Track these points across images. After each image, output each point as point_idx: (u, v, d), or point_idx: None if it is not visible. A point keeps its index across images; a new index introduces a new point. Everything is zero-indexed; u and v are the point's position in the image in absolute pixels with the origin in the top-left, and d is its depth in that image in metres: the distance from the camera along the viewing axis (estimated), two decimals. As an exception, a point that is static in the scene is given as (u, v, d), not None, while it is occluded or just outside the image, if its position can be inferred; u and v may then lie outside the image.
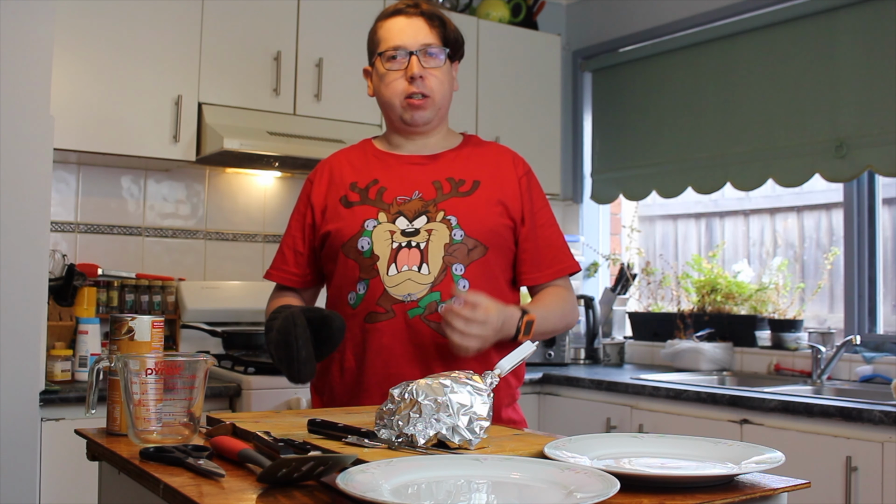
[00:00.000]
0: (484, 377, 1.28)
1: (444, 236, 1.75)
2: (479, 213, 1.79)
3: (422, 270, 1.73)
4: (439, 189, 1.81)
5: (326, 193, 1.87)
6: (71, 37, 2.80)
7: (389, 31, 1.82)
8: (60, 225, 3.11)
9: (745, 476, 1.09)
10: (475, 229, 1.77)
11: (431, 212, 1.78)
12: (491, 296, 1.75)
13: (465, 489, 1.01)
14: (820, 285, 3.45)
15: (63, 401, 2.44)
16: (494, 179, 1.84)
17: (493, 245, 1.79)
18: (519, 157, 1.93)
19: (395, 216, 1.77)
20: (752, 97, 3.51)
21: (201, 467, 1.09)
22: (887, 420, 2.32)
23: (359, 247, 1.76)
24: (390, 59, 1.81)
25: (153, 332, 1.41)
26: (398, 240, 1.75)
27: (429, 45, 1.80)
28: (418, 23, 1.81)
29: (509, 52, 3.81)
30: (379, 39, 1.84)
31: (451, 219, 1.77)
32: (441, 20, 1.83)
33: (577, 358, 3.83)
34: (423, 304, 1.73)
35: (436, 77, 1.81)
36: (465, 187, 1.82)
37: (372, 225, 1.77)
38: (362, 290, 1.76)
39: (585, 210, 4.29)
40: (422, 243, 1.74)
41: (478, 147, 1.92)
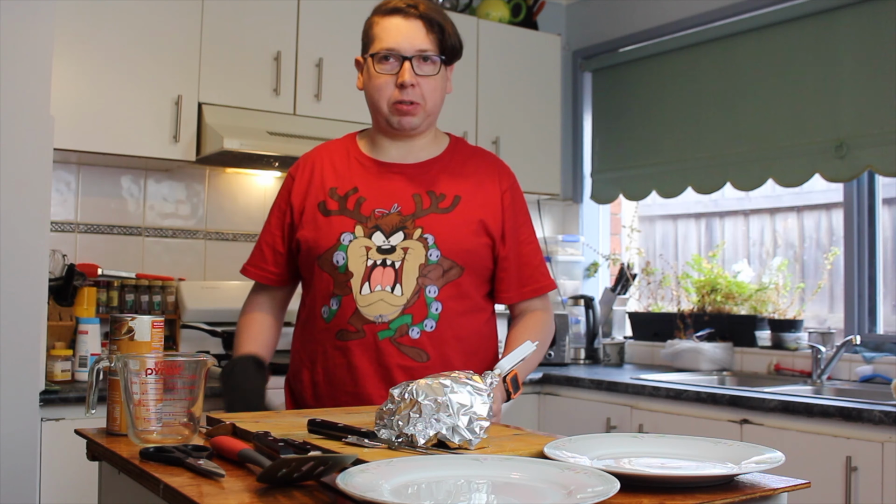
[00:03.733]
0: (484, 377, 1.28)
1: (419, 256, 1.71)
2: (458, 232, 1.75)
3: (395, 291, 1.70)
4: (419, 203, 1.76)
5: (306, 194, 1.82)
6: (71, 37, 2.80)
7: (385, 30, 1.74)
8: (60, 225, 3.11)
9: (745, 476, 1.09)
10: (452, 250, 1.73)
11: (409, 228, 1.73)
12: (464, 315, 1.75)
13: (465, 489, 1.01)
14: (820, 285, 3.45)
15: (63, 401, 2.44)
16: (476, 195, 1.80)
17: (469, 265, 1.75)
18: (505, 167, 1.89)
19: (371, 230, 1.73)
20: (752, 97, 3.51)
21: (201, 467, 1.09)
22: (887, 420, 2.32)
23: (334, 261, 1.73)
24: (382, 61, 1.74)
25: (153, 332, 1.41)
26: (373, 257, 1.71)
27: (424, 50, 1.74)
28: (416, 26, 1.73)
29: (509, 52, 3.81)
30: (373, 37, 1.76)
31: (428, 237, 1.72)
32: (440, 25, 1.75)
33: (577, 358, 3.83)
34: (394, 326, 1.70)
35: (428, 84, 1.76)
36: (445, 203, 1.77)
37: (348, 239, 1.73)
38: (335, 306, 1.73)
39: (585, 210, 4.29)
40: (397, 262, 1.71)
41: (463, 156, 1.86)
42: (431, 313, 1.71)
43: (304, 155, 1.90)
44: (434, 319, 1.71)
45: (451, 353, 1.74)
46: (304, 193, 1.81)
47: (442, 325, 1.72)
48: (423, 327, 1.70)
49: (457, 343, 1.75)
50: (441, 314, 1.71)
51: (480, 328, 1.82)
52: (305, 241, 1.78)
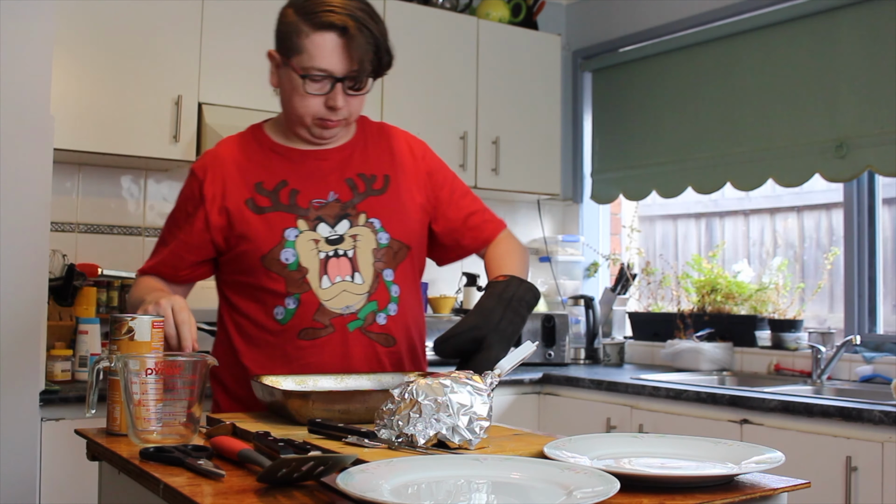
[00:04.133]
0: (484, 377, 1.28)
1: (370, 241, 1.69)
2: (399, 213, 1.73)
3: (355, 280, 1.66)
4: (354, 188, 1.72)
5: (224, 195, 1.69)
6: (71, 37, 2.80)
7: (318, 48, 1.59)
8: (60, 225, 3.11)
9: (745, 476, 1.09)
10: (399, 231, 1.71)
11: (352, 215, 1.69)
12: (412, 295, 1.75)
13: (465, 489, 1.01)
14: (820, 285, 3.45)
15: (63, 401, 2.44)
16: (402, 171, 1.77)
17: (414, 244, 1.75)
18: (413, 137, 1.85)
19: (315, 223, 1.67)
20: (752, 97, 3.51)
21: (201, 467, 1.09)
22: (887, 420, 2.32)
23: (282, 259, 1.65)
24: (311, 80, 1.62)
25: (153, 332, 1.41)
26: (324, 248, 1.66)
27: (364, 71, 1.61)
28: (352, 46, 1.58)
29: (509, 52, 3.81)
30: (302, 48, 1.61)
31: (375, 221, 1.70)
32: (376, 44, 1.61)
33: (577, 358, 3.83)
34: (362, 315, 1.66)
35: (356, 100, 1.67)
36: (378, 184, 1.74)
37: (293, 234, 1.66)
38: (293, 305, 1.65)
39: (585, 210, 4.29)
40: (349, 251, 1.67)
41: (374, 133, 1.81)
42: (393, 297, 1.69)
43: (207, 152, 1.78)
44: (395, 303, 1.70)
45: (409, 333, 1.75)
46: (221, 196, 1.69)
47: (402, 306, 1.71)
48: (388, 312, 1.69)
49: (413, 322, 1.76)
50: (400, 296, 1.71)
51: (421, 306, 1.84)
52: (238, 244, 1.68)
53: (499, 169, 3.72)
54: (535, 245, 4.23)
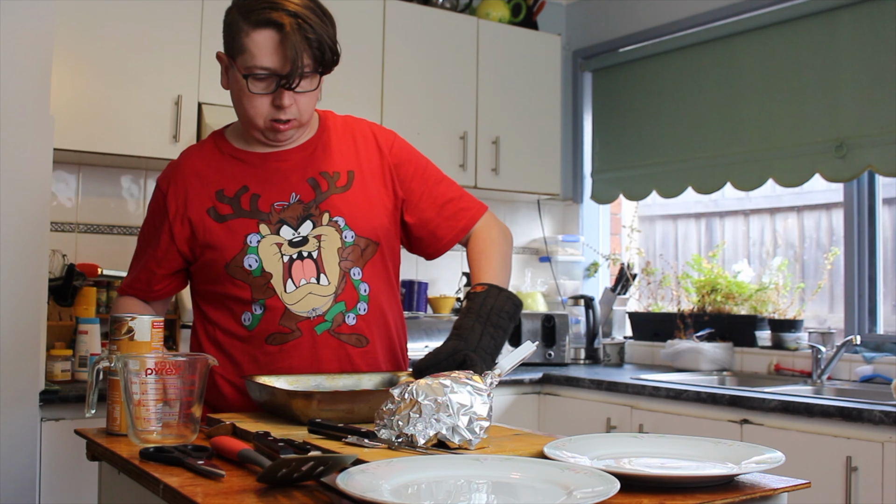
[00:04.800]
0: (484, 377, 1.28)
1: (335, 240, 1.66)
2: (364, 209, 1.69)
3: (321, 282, 1.63)
4: (316, 187, 1.69)
5: (186, 206, 1.68)
6: (71, 37, 2.80)
7: (259, 46, 1.55)
8: (60, 225, 3.11)
9: (745, 476, 1.09)
10: (364, 227, 1.68)
11: (315, 215, 1.66)
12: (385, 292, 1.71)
13: (465, 489, 1.01)
14: (820, 285, 3.45)
15: (63, 401, 2.44)
16: (365, 166, 1.73)
17: (382, 239, 1.71)
18: (380, 128, 1.80)
19: (277, 226, 1.64)
20: (752, 97, 3.51)
21: (201, 467, 1.09)
22: (887, 420, 2.32)
23: (245, 265, 1.63)
24: (256, 80, 1.58)
25: (153, 332, 1.41)
26: (287, 252, 1.63)
27: (305, 68, 1.57)
28: (292, 43, 1.54)
29: (509, 52, 3.81)
30: (244, 48, 1.57)
31: (339, 220, 1.67)
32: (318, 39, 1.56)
33: (577, 358, 3.83)
34: (329, 317, 1.64)
35: (304, 98, 1.63)
36: (342, 181, 1.70)
37: (255, 240, 1.63)
38: (259, 311, 1.63)
39: (585, 210, 4.29)
40: (314, 252, 1.64)
41: (339, 129, 1.77)
42: (362, 296, 1.67)
43: (170, 164, 1.77)
44: (365, 301, 1.67)
45: (385, 332, 1.72)
46: (183, 207, 1.68)
47: (373, 304, 1.68)
48: (358, 311, 1.66)
49: (388, 320, 1.73)
50: (370, 294, 1.68)
51: (398, 303, 1.80)
52: (203, 253, 1.67)
53: (499, 169, 3.72)
54: (535, 245, 4.23)
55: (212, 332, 1.71)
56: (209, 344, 1.71)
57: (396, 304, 1.79)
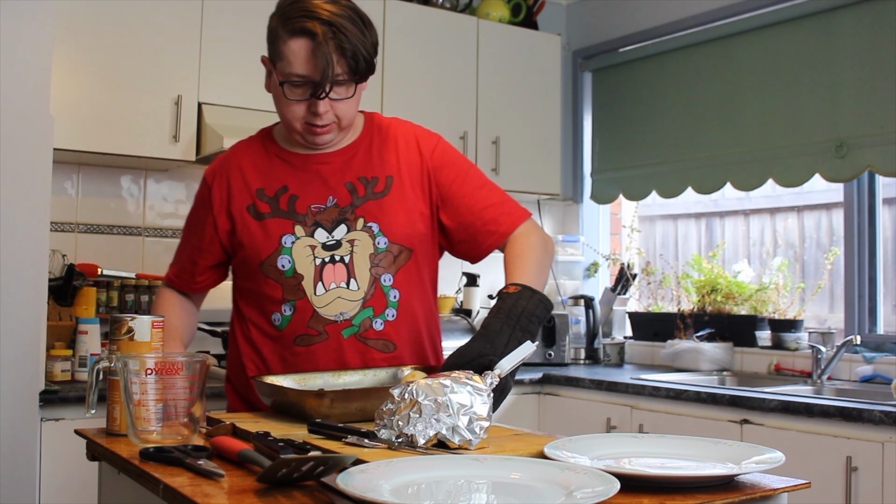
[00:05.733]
0: (484, 377, 1.28)
1: (367, 246, 1.67)
2: (399, 215, 1.70)
3: (350, 286, 1.65)
4: (353, 192, 1.70)
5: (230, 200, 1.72)
6: (71, 37, 2.80)
7: (294, 54, 1.58)
8: (60, 225, 3.11)
9: (745, 476, 1.09)
10: (398, 234, 1.69)
11: (350, 219, 1.68)
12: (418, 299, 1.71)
13: (465, 489, 1.01)
14: (820, 285, 3.45)
15: (63, 401, 2.44)
16: (405, 171, 1.74)
17: (417, 246, 1.71)
18: (424, 132, 1.81)
19: (312, 228, 1.67)
20: (752, 97, 3.51)
21: (201, 467, 1.09)
22: (887, 420, 2.32)
23: (279, 266, 1.65)
24: (293, 86, 1.62)
25: (153, 332, 1.41)
26: (320, 255, 1.65)
27: (338, 76, 1.59)
28: (327, 51, 1.56)
29: (509, 52, 3.81)
30: (282, 55, 1.61)
31: (373, 226, 1.68)
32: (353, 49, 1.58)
33: (577, 358, 3.83)
34: (357, 322, 1.65)
35: (342, 104, 1.65)
36: (380, 187, 1.71)
37: (290, 241, 1.66)
38: (289, 312, 1.66)
39: (585, 210, 4.29)
40: (346, 256, 1.66)
41: (382, 132, 1.78)
42: (391, 302, 1.67)
43: (218, 157, 1.80)
44: (395, 308, 1.68)
45: (415, 338, 1.72)
46: (226, 200, 1.72)
47: (402, 311, 1.69)
48: (386, 317, 1.67)
49: (419, 327, 1.73)
50: (400, 301, 1.68)
51: (432, 308, 1.80)
52: (242, 250, 1.70)
53: (499, 169, 3.72)
54: (535, 245, 4.22)
55: (247, 329, 1.73)
56: (244, 341, 1.74)
57: (430, 311, 1.78)
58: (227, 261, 1.79)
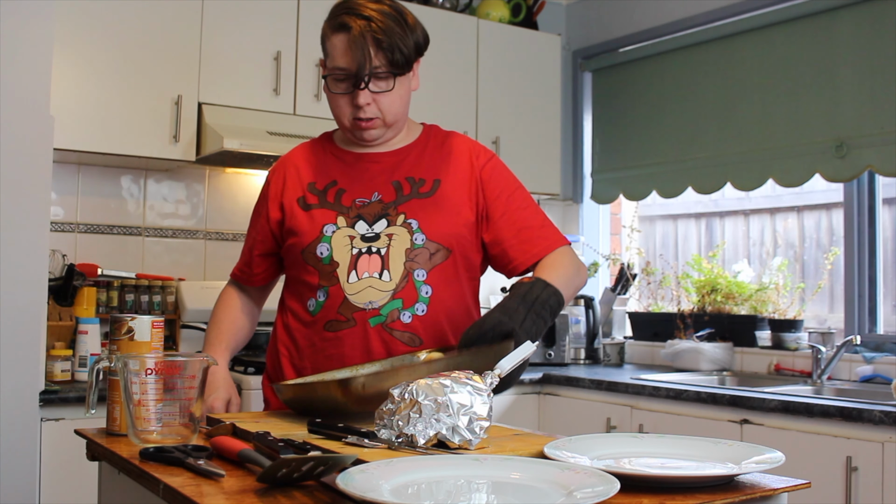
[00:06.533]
0: (484, 377, 1.28)
1: (405, 241, 1.70)
2: (441, 215, 1.73)
3: (382, 277, 1.68)
4: (399, 190, 1.75)
5: (283, 193, 1.81)
6: (71, 37, 2.80)
7: (335, 48, 1.69)
8: (60, 225, 3.11)
9: (745, 476, 1.09)
10: (437, 233, 1.72)
11: (392, 215, 1.72)
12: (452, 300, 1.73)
13: (465, 489, 1.01)
14: (820, 285, 3.45)
15: (63, 401, 2.44)
16: (455, 176, 1.78)
17: (455, 247, 1.74)
18: (479, 146, 1.86)
19: (354, 220, 1.72)
20: (752, 97, 3.51)
21: (201, 467, 1.09)
22: (887, 420, 2.32)
23: (318, 253, 1.71)
24: (336, 81, 1.70)
25: (153, 332, 1.41)
26: (358, 245, 1.70)
27: (376, 68, 1.66)
28: (364, 44, 1.64)
29: (509, 52, 3.81)
30: (327, 51, 1.72)
31: (412, 222, 1.71)
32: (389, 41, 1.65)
33: (577, 358, 3.83)
34: (385, 312, 1.68)
35: (385, 98, 1.71)
36: (426, 188, 1.76)
37: (331, 230, 1.72)
38: (322, 298, 1.71)
39: (585, 210, 4.29)
40: (382, 249, 1.69)
41: (438, 140, 1.84)
42: (422, 297, 1.69)
43: (281, 157, 1.90)
44: (425, 303, 1.69)
45: (443, 335, 1.73)
46: (280, 193, 1.81)
47: (433, 308, 1.70)
48: (415, 311, 1.69)
49: (448, 325, 1.74)
50: (431, 297, 1.70)
51: (469, 309, 1.81)
52: (288, 238, 1.78)
53: (499, 169, 3.72)
54: (535, 245, 4.22)
55: (286, 317, 1.80)
56: (282, 327, 1.81)
57: (467, 313, 1.79)
58: (278, 252, 1.85)
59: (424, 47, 1.76)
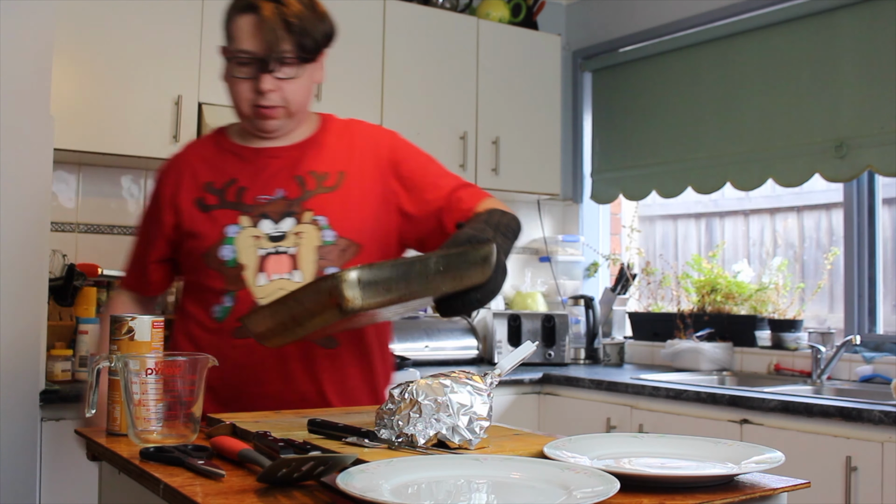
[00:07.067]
0: (484, 377, 1.28)
1: (314, 239, 1.63)
2: (349, 210, 1.67)
3: (294, 277, 1.61)
4: (303, 185, 1.67)
5: (177, 194, 1.70)
6: (71, 37, 2.80)
7: (241, 30, 1.59)
8: (60, 225, 3.11)
9: (745, 476, 1.09)
10: (346, 228, 1.66)
11: (297, 212, 1.64)
12: None
13: (465, 489, 1.01)
14: (820, 285, 3.45)
15: (63, 401, 2.44)
16: (359, 167, 1.71)
17: (366, 242, 1.67)
18: (379, 130, 1.80)
19: (258, 219, 1.64)
20: (751, 97, 3.51)
21: (201, 467, 1.09)
22: (887, 420, 2.32)
23: (221, 256, 1.62)
24: (239, 64, 1.60)
25: (153, 332, 1.41)
26: (265, 246, 1.62)
27: (283, 53, 1.58)
28: (273, 27, 1.56)
29: (509, 52, 3.81)
30: (230, 34, 1.62)
31: (320, 219, 1.64)
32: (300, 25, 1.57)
33: (577, 358, 3.83)
34: None
35: (290, 86, 1.62)
36: (330, 181, 1.69)
37: (234, 231, 1.63)
38: (229, 303, 1.62)
39: (585, 210, 4.29)
40: (291, 248, 1.62)
41: (337, 131, 1.77)
42: None
43: (171, 156, 1.80)
44: None
45: (358, 335, 1.68)
46: (174, 195, 1.71)
47: None
48: None
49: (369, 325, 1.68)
50: None
51: None
52: (185, 242, 1.68)
53: (499, 169, 3.72)
54: (535, 245, 4.23)
55: (186, 325, 1.70)
56: (183, 337, 1.70)
57: None
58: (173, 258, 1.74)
59: (333, 39, 1.68)
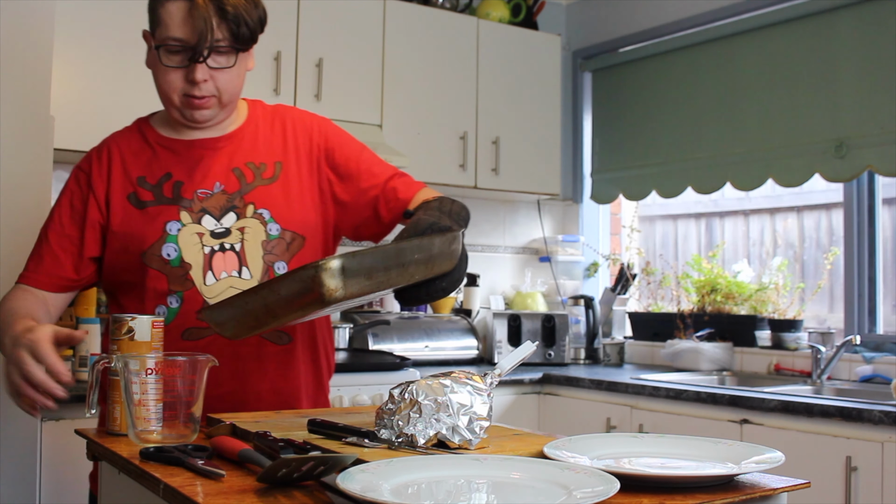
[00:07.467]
0: (484, 377, 1.28)
1: (259, 233, 1.59)
2: (291, 202, 1.63)
3: (242, 275, 1.57)
4: (241, 178, 1.62)
5: (108, 188, 1.63)
6: (71, 37, 2.80)
7: (171, 16, 1.51)
8: (60, 225, 3.11)
9: (745, 476, 1.09)
10: (290, 220, 1.61)
11: (239, 206, 1.60)
12: None
13: (465, 489, 1.01)
14: (820, 285, 3.45)
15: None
16: (295, 156, 1.68)
17: (309, 233, 1.64)
18: (308, 116, 1.75)
19: (199, 215, 1.58)
20: (751, 97, 3.52)
21: (201, 467, 1.09)
22: (887, 420, 2.32)
23: (164, 255, 1.56)
24: (170, 52, 1.53)
25: (153, 332, 1.41)
26: (209, 243, 1.57)
27: (218, 41, 1.52)
28: (206, 14, 1.49)
29: (509, 52, 3.81)
30: (159, 20, 1.53)
31: (263, 212, 1.60)
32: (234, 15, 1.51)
33: (577, 358, 3.83)
34: None
35: (223, 76, 1.56)
36: (269, 173, 1.64)
37: (175, 228, 1.57)
38: (176, 304, 1.56)
39: (585, 210, 4.29)
40: (236, 244, 1.58)
41: (268, 119, 1.71)
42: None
43: (95, 147, 1.73)
44: None
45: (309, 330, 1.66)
46: (105, 187, 1.63)
47: None
48: None
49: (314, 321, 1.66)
50: None
51: None
52: (120, 240, 1.60)
53: (499, 169, 3.72)
54: (534, 245, 4.23)
55: None
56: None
57: None
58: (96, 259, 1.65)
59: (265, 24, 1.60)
